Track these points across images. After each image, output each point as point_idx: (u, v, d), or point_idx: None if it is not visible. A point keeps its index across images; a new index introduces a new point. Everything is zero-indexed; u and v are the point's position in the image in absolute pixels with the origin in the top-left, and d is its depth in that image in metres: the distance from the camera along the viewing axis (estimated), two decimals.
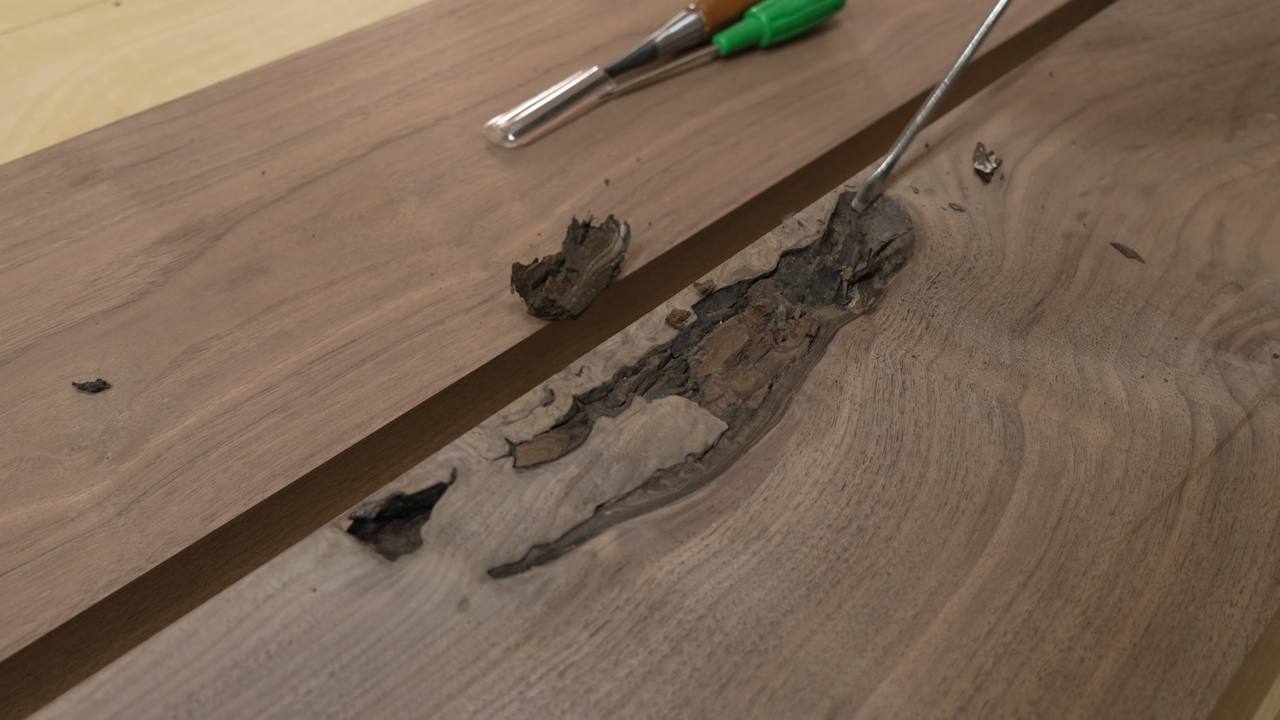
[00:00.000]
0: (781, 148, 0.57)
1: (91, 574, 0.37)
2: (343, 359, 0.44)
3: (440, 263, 0.49)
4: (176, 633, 0.31)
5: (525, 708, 0.31)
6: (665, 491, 0.37)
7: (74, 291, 0.46)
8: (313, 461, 0.41)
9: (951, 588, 0.35)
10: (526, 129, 0.56)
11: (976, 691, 0.33)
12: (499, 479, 0.36)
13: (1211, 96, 0.60)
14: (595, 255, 0.48)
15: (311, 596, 0.32)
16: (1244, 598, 0.37)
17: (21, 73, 0.64)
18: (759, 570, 0.35)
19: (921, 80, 0.63)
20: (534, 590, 0.33)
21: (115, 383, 0.42)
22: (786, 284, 0.45)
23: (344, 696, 0.30)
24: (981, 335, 0.44)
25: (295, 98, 0.58)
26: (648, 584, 0.34)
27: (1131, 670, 0.34)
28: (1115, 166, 0.54)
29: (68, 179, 0.52)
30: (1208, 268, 0.49)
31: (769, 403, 0.40)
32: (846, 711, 0.32)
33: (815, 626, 0.34)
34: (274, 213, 0.51)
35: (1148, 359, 0.44)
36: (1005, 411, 0.41)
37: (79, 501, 0.39)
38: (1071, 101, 0.58)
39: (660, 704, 0.31)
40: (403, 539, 0.35)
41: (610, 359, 0.41)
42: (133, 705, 0.30)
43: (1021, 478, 0.39)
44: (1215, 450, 0.41)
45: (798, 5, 0.63)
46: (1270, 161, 0.55)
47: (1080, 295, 0.46)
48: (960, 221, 0.49)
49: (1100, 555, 0.37)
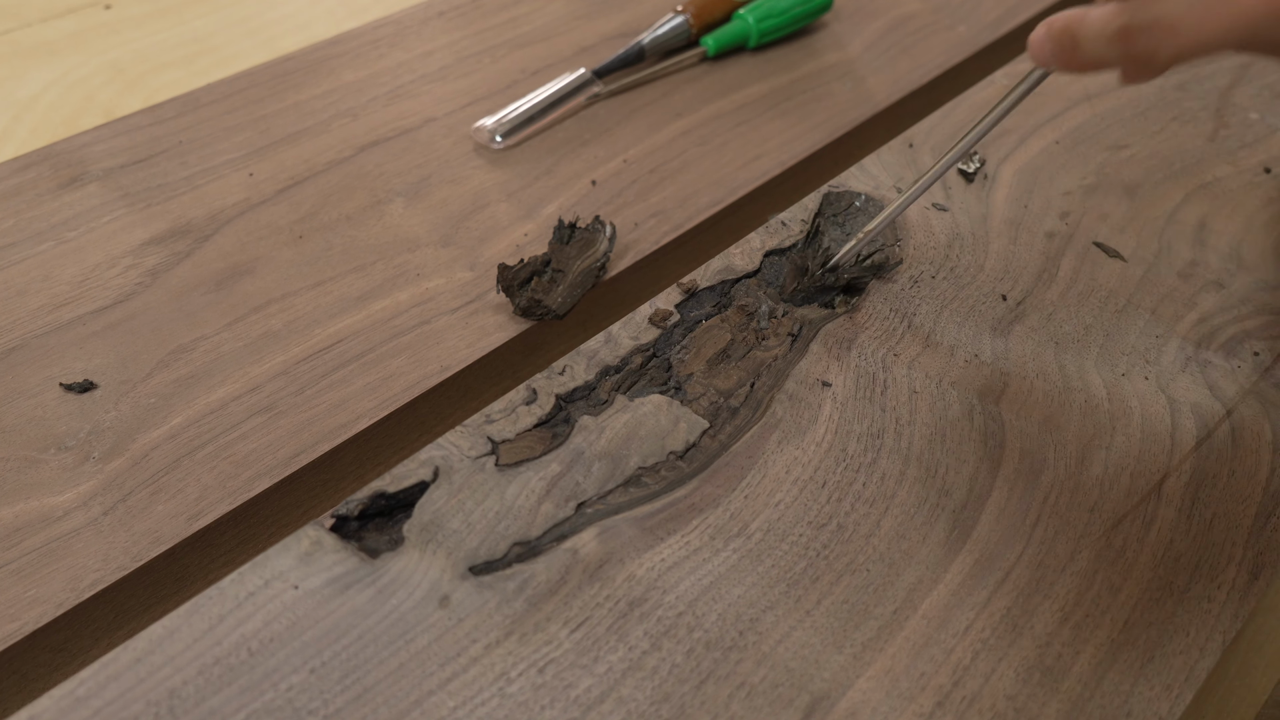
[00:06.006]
0: (768, 148, 0.58)
1: (77, 573, 0.37)
2: (329, 359, 0.44)
3: (427, 263, 0.49)
4: (159, 630, 0.31)
5: (505, 703, 0.31)
6: (646, 489, 0.37)
7: (62, 292, 0.46)
8: (298, 461, 0.41)
9: (930, 584, 0.35)
10: (514, 130, 0.56)
11: (954, 686, 0.33)
12: (481, 477, 0.36)
13: (1195, 96, 0.60)
14: (581, 256, 0.48)
15: (293, 594, 0.33)
16: (1222, 593, 0.37)
17: (11, 75, 0.64)
18: (739, 567, 0.35)
19: (908, 81, 0.63)
20: (515, 587, 0.34)
21: (102, 383, 0.43)
22: (769, 283, 0.45)
23: (325, 693, 0.31)
24: (963, 334, 0.44)
25: (283, 100, 0.58)
26: (628, 581, 0.34)
27: (1109, 665, 0.34)
28: (1098, 166, 0.54)
29: (56, 181, 0.52)
30: (1189, 266, 0.49)
31: (751, 401, 0.40)
32: (825, 707, 0.32)
33: (794, 623, 0.34)
34: (261, 214, 0.51)
35: (1129, 357, 0.44)
36: (986, 410, 0.41)
37: (65, 501, 0.39)
38: (1055, 101, 0.58)
39: (639, 700, 0.32)
40: (385, 537, 0.35)
41: (593, 358, 0.41)
42: (115, 701, 0.30)
43: (1001, 475, 0.39)
44: (1195, 447, 0.41)
45: (785, 7, 0.64)
46: (1253, 161, 0.56)
47: (1062, 294, 0.47)
48: (943, 221, 0.49)
49: (1079, 552, 0.37)
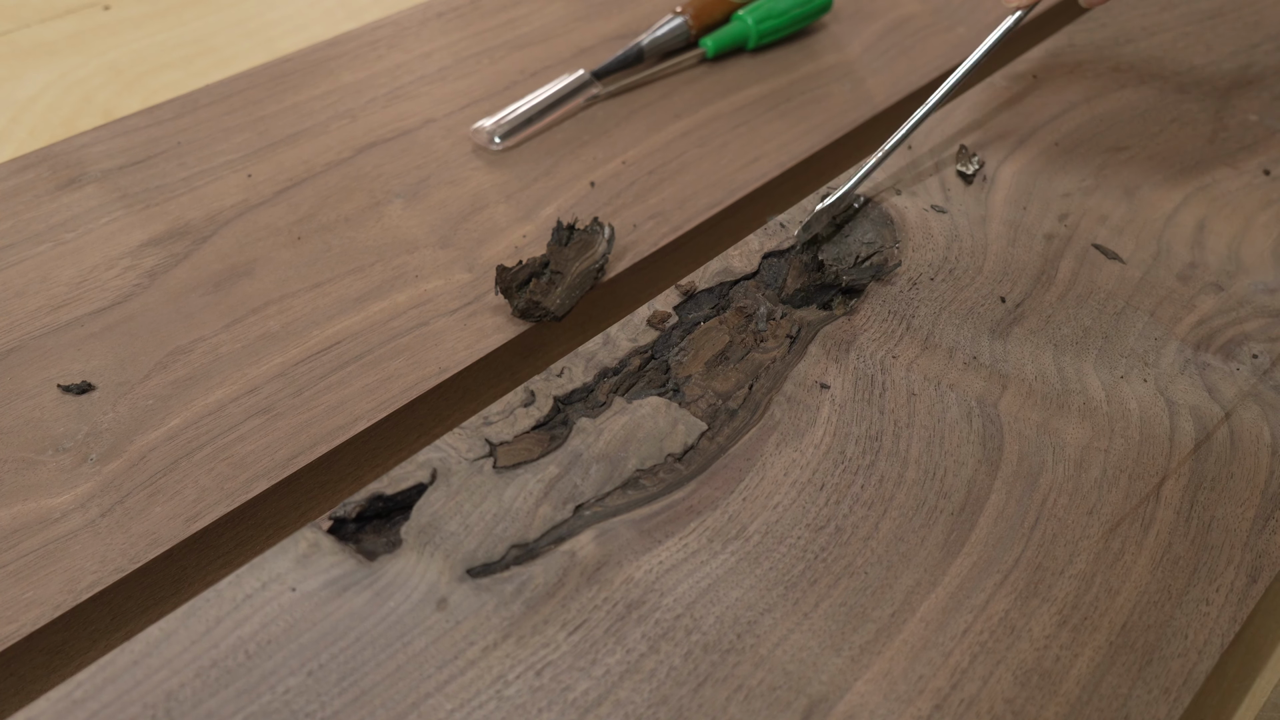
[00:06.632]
0: (767, 150, 0.58)
1: (75, 575, 0.37)
2: (327, 361, 0.44)
3: (425, 265, 0.49)
4: (155, 632, 0.31)
5: (502, 706, 0.31)
6: (644, 492, 0.37)
7: (59, 294, 0.46)
8: (296, 463, 0.41)
9: (929, 587, 0.35)
10: (512, 131, 0.56)
11: (953, 690, 0.33)
12: (479, 479, 0.36)
13: (1194, 98, 0.60)
14: (580, 257, 0.48)
15: (290, 596, 0.32)
16: (1220, 596, 0.37)
17: (10, 76, 0.64)
18: (737, 570, 0.35)
19: (907, 82, 0.63)
20: (512, 590, 0.34)
21: (100, 384, 0.43)
22: (768, 285, 0.45)
23: (322, 695, 0.31)
24: (962, 336, 0.44)
25: (282, 101, 0.58)
26: (626, 583, 0.34)
27: (1107, 668, 0.34)
28: (1097, 168, 0.54)
29: (54, 182, 0.52)
30: (1188, 268, 0.49)
31: (749, 403, 0.40)
32: (823, 710, 0.32)
33: (792, 625, 0.34)
34: (260, 215, 0.51)
35: (1127, 359, 0.44)
36: (984, 412, 0.41)
37: (63, 503, 0.39)
38: (1054, 103, 0.58)
39: (637, 702, 0.32)
40: (382, 539, 0.35)
41: (591, 360, 0.41)
42: (111, 704, 0.30)
43: (1000, 478, 0.39)
44: (1193, 450, 0.41)
45: (784, 8, 0.64)
46: (1252, 163, 0.56)
47: (1061, 296, 0.46)
48: (942, 223, 0.49)
49: (1077, 554, 0.37)
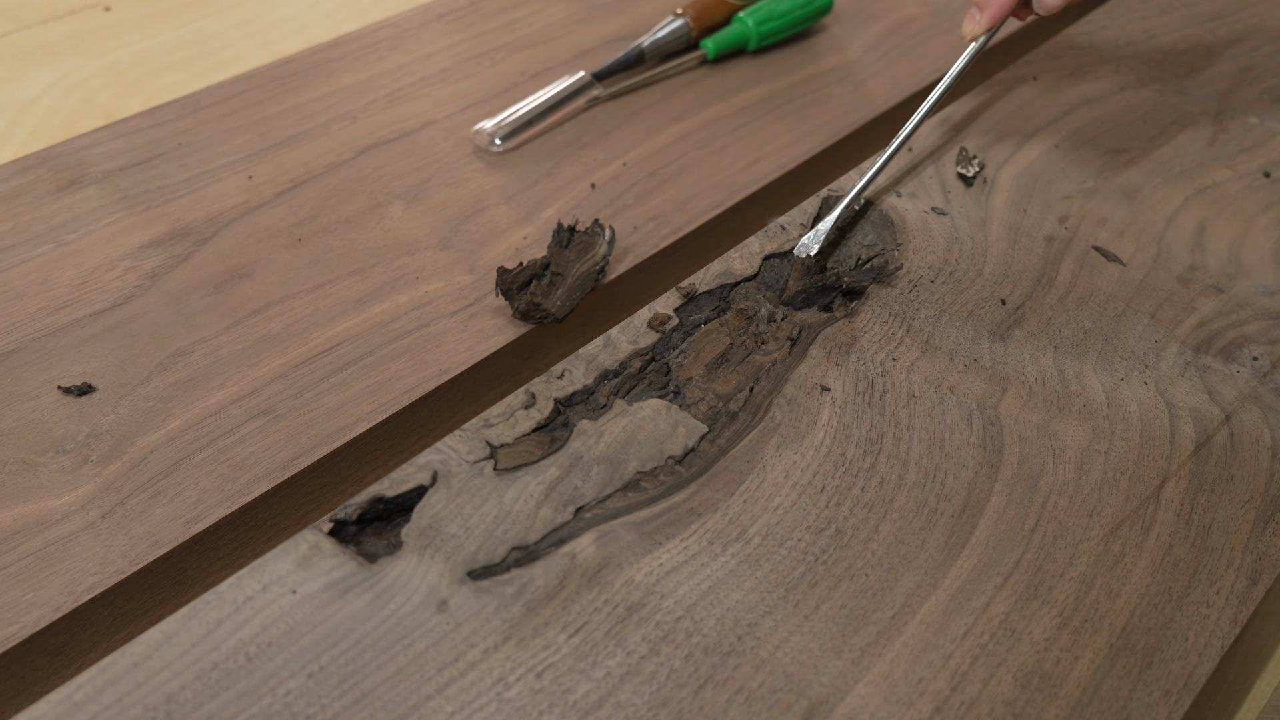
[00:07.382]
0: (768, 151, 0.58)
1: (75, 576, 0.37)
2: (328, 362, 0.44)
3: (426, 266, 0.49)
4: (156, 635, 0.31)
5: (503, 708, 0.31)
6: (645, 494, 0.37)
7: (60, 295, 0.46)
8: (297, 464, 0.41)
9: (929, 589, 0.35)
10: (513, 133, 0.56)
11: (953, 692, 0.33)
12: (479, 481, 0.36)
13: (1194, 100, 0.60)
14: (580, 259, 0.48)
15: (291, 598, 0.32)
16: (1220, 599, 0.37)
17: (11, 77, 0.64)
18: (737, 572, 0.35)
19: (908, 84, 0.63)
20: (513, 592, 0.34)
21: (100, 386, 0.43)
22: (768, 287, 0.45)
23: (323, 698, 0.31)
24: (962, 338, 0.44)
25: (283, 102, 0.58)
26: (626, 586, 0.34)
27: (1108, 671, 0.34)
28: (1098, 170, 0.54)
29: (55, 183, 0.52)
30: (1188, 271, 0.49)
31: (750, 405, 0.40)
32: (823, 712, 0.32)
33: (793, 628, 0.34)
34: (260, 217, 0.51)
35: (1128, 362, 0.44)
36: (985, 414, 0.41)
37: (63, 504, 0.39)
38: (1055, 105, 0.58)
39: (638, 705, 0.32)
40: (383, 541, 0.35)
41: (591, 362, 0.41)
42: (112, 706, 0.30)
43: (1000, 480, 0.39)
44: (1194, 452, 0.41)
45: (784, 10, 0.64)
46: (1252, 165, 0.56)
47: (1061, 298, 0.47)
48: (942, 225, 0.49)
49: (1078, 557, 0.37)
